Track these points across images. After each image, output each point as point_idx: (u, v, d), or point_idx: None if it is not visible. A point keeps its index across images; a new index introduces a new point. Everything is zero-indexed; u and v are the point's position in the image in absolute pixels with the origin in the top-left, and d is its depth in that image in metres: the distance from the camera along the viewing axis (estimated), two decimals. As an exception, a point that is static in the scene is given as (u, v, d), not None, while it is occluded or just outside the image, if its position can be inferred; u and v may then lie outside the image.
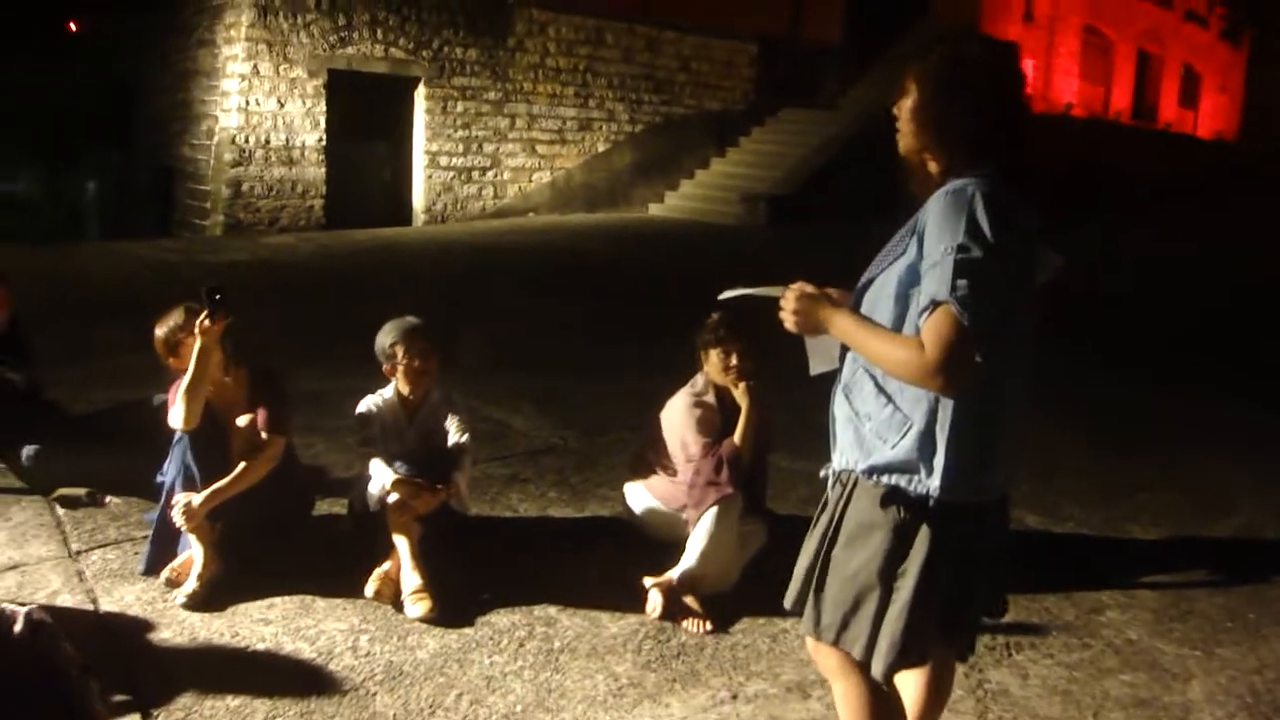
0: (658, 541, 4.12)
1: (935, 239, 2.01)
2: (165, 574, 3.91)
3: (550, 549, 4.34)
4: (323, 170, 14.59)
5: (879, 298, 2.18)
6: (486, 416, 5.99)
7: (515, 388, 6.69)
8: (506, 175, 16.38)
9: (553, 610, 3.76)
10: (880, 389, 2.18)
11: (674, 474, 4.14)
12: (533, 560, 4.21)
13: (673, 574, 3.82)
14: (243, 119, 13.80)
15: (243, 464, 3.95)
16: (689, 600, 3.75)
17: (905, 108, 2.23)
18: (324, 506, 4.57)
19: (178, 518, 3.84)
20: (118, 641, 3.53)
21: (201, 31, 14.64)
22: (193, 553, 3.88)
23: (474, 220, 16.06)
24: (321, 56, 14.21)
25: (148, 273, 11.03)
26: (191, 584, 3.78)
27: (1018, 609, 3.91)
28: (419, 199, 15.69)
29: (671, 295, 9.37)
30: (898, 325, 2.11)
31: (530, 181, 16.66)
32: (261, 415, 4.05)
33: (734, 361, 4.03)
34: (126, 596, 3.81)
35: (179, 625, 3.62)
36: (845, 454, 2.26)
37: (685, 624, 3.69)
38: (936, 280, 1.97)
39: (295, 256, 12.46)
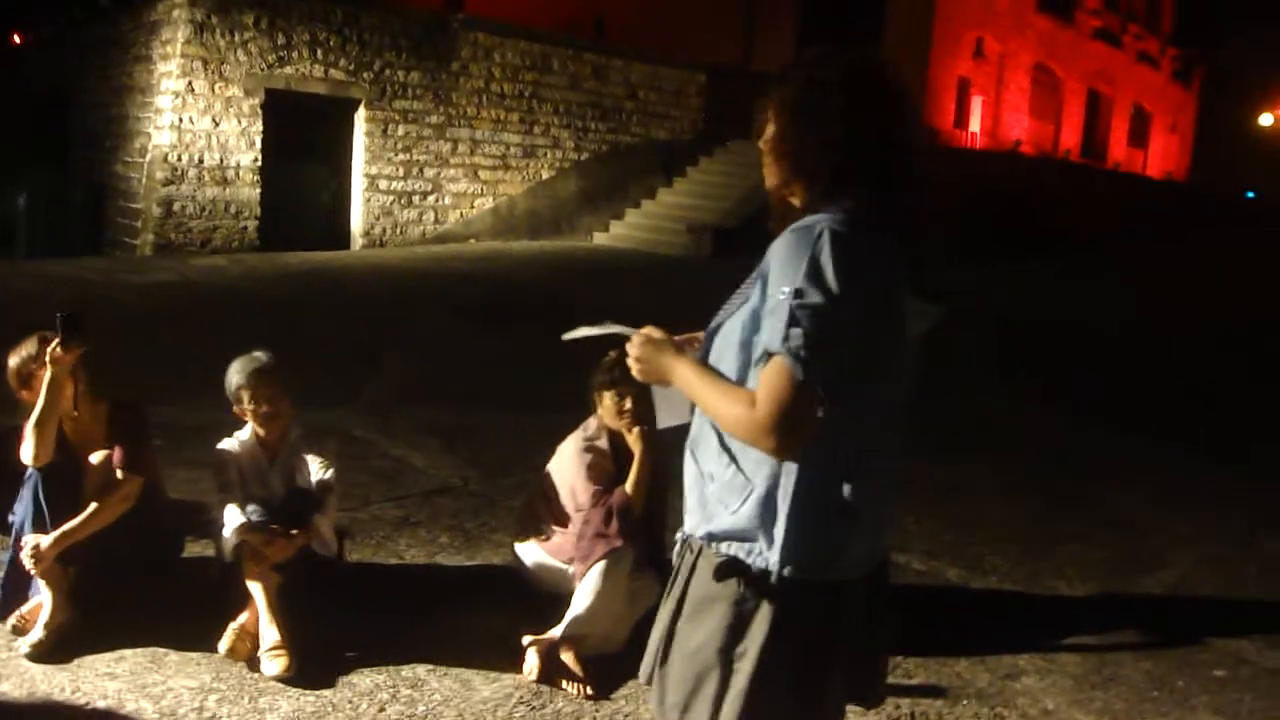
0: (550, 596, 3.86)
1: (776, 282, 1.82)
2: (12, 620, 3.65)
3: (431, 601, 4.06)
4: (258, 191, 14.27)
5: (725, 346, 1.97)
6: (385, 453, 5.74)
7: (423, 423, 6.42)
8: (448, 200, 16.14)
9: (422, 670, 3.50)
10: (724, 447, 1.97)
11: (565, 524, 3.90)
12: (410, 613, 3.94)
13: (554, 632, 3.57)
14: (176, 137, 13.46)
15: (94, 504, 3.68)
16: (569, 661, 3.51)
17: (765, 138, 2.02)
18: (198, 549, 4.28)
19: (26, 560, 3.58)
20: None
21: (139, 47, 14.31)
22: (42, 599, 3.61)
23: (413, 245, 15.79)
24: (259, 75, 13.92)
25: (61, 291, 10.64)
26: (38, 633, 3.53)
27: (927, 672, 3.72)
28: (357, 222, 15.40)
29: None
30: (742, 376, 1.91)
31: (472, 207, 16.42)
32: (118, 453, 3.78)
33: (628, 405, 3.81)
34: (-34, 647, 3.52)
35: (19, 677, 3.37)
36: (691, 517, 2.05)
37: (564, 687, 3.45)
38: (770, 328, 1.79)
39: (222, 278, 12.12)
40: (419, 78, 15.42)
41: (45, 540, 3.58)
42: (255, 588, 3.59)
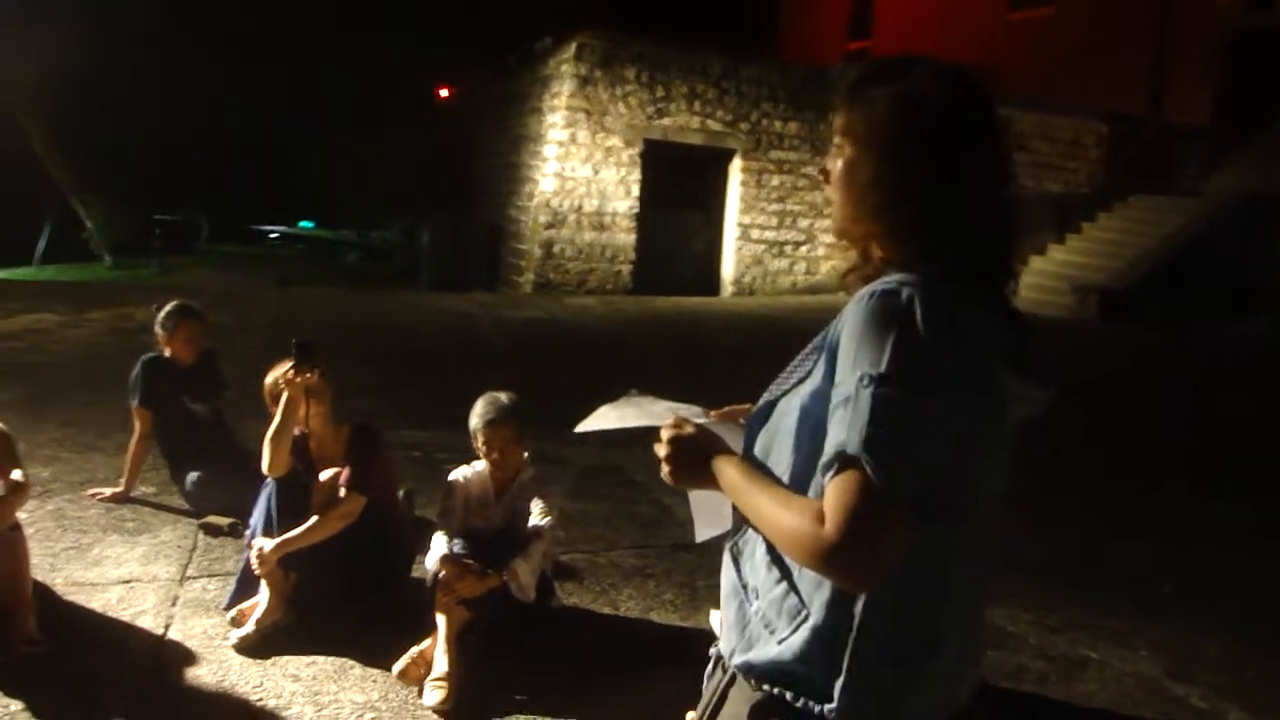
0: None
1: (849, 361, 1.41)
2: (232, 613, 3.92)
3: (617, 657, 3.89)
4: (633, 237, 14.91)
5: (777, 433, 1.57)
6: (654, 500, 5.64)
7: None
8: (820, 251, 16.02)
9: (575, 727, 3.34)
10: (774, 557, 1.56)
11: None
12: (593, 669, 3.79)
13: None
14: (558, 184, 14.39)
15: (315, 518, 3.88)
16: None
17: (836, 170, 1.61)
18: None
19: (252, 561, 3.84)
20: (158, 669, 3.56)
21: (533, 100, 15.50)
22: (261, 598, 3.86)
23: (783, 295, 15.80)
24: (638, 126, 14.57)
25: (438, 322, 11.64)
26: (248, 628, 3.76)
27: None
28: (728, 270, 15.67)
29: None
30: (799, 476, 1.50)
31: (845, 259, 16.14)
32: (345, 472, 3.98)
33: None
34: (196, 628, 3.86)
35: (218, 665, 3.60)
36: (727, 636, 1.65)
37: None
38: (845, 424, 1.37)
39: (587, 318, 12.72)
40: (796, 128, 15.47)
41: (269, 544, 3.82)
42: (441, 618, 3.61)
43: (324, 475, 4.00)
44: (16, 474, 3.87)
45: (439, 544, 3.76)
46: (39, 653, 3.50)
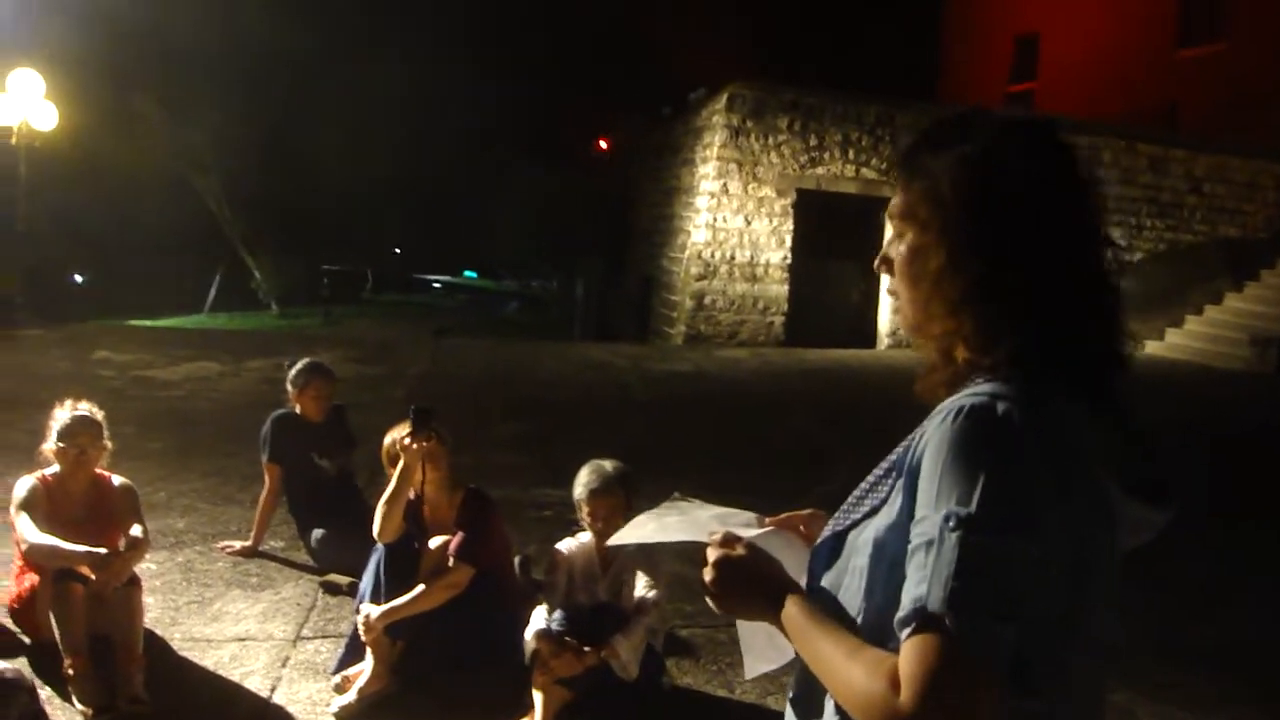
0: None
1: (933, 494, 1.16)
2: (337, 679, 3.85)
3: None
4: (785, 288, 14.67)
5: (845, 573, 1.32)
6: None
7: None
8: (979, 302, 15.42)
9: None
10: (844, 713, 1.28)
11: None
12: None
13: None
14: (710, 235, 14.28)
15: (421, 586, 3.78)
16: None
17: (899, 259, 1.35)
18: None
19: (359, 627, 3.77)
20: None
21: (685, 151, 15.49)
22: (365, 666, 3.78)
23: (941, 347, 15.25)
24: (790, 176, 14.37)
25: (584, 374, 11.62)
26: (351, 695, 3.70)
27: None
28: (884, 322, 15.25)
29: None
30: (874, 626, 1.24)
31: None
32: (454, 541, 3.87)
33: None
34: (301, 692, 3.81)
35: (317, 734, 3.52)
36: None
37: None
38: (927, 574, 1.13)
39: (734, 371, 12.51)
40: (954, 176, 15.00)
41: (375, 612, 3.74)
42: (537, 696, 3.47)
43: (434, 542, 3.90)
44: (136, 530, 3.91)
45: (538, 619, 3.61)
46: (142, 712, 3.49)
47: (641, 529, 1.59)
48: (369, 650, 3.78)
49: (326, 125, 23.43)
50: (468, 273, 34.96)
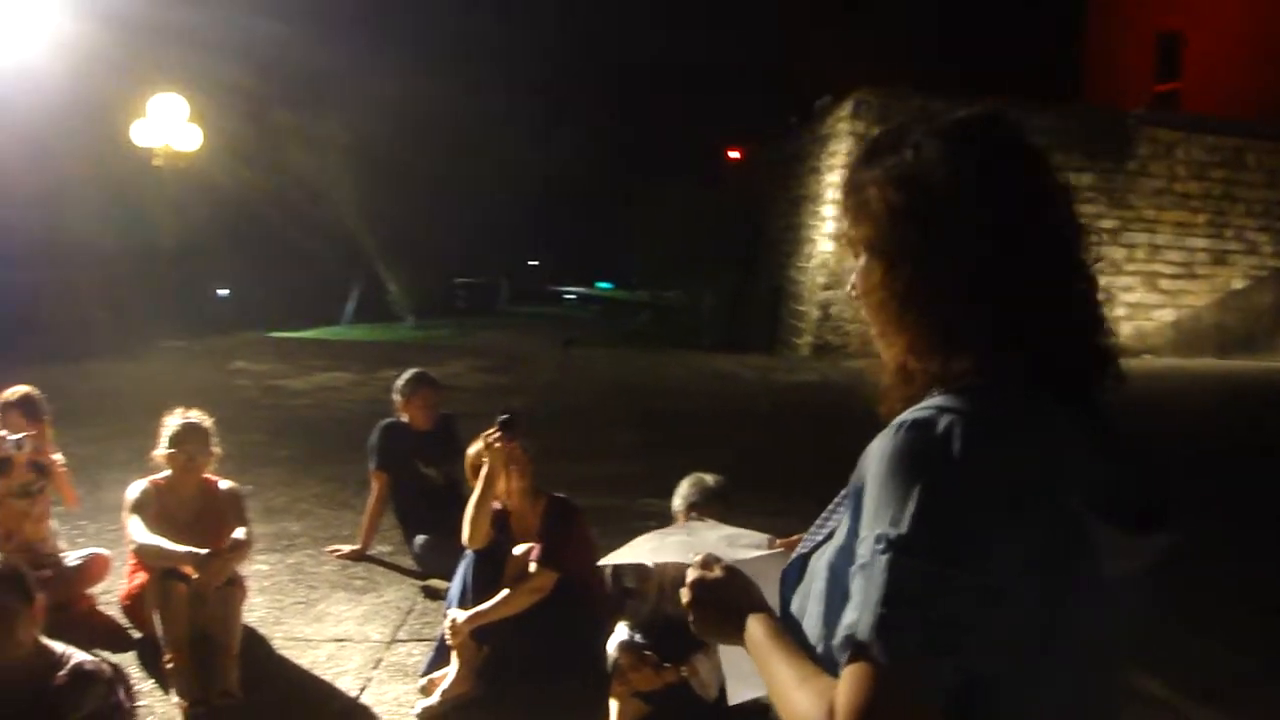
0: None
1: (870, 515, 1.10)
2: (423, 681, 3.92)
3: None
4: (915, 297, 14.37)
5: (809, 595, 1.27)
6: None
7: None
8: (1121, 311, 14.78)
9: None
10: None
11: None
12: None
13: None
14: (837, 243, 14.09)
15: (505, 591, 3.83)
16: None
17: (855, 274, 1.29)
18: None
19: (446, 632, 3.84)
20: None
21: (812, 159, 15.34)
22: (451, 669, 3.84)
23: (1081, 358, 14.72)
24: (921, 183, 14.09)
25: (709, 384, 11.60)
26: (435, 698, 3.77)
27: None
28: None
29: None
30: (826, 650, 1.19)
31: (1149, 319, 14.87)
32: (537, 547, 3.91)
33: None
34: (389, 694, 3.90)
35: (398, 733, 3.59)
36: None
37: None
38: (858, 599, 1.07)
39: (860, 383, 12.24)
40: (1091, 179, 14.44)
41: (461, 616, 3.81)
42: (614, 706, 3.46)
43: (518, 549, 3.95)
44: (239, 532, 4.07)
45: (621, 629, 3.61)
46: (233, 705, 3.62)
47: (637, 549, 1.58)
48: (454, 654, 3.85)
49: (467, 145, 24.06)
50: (601, 284, 35.38)
